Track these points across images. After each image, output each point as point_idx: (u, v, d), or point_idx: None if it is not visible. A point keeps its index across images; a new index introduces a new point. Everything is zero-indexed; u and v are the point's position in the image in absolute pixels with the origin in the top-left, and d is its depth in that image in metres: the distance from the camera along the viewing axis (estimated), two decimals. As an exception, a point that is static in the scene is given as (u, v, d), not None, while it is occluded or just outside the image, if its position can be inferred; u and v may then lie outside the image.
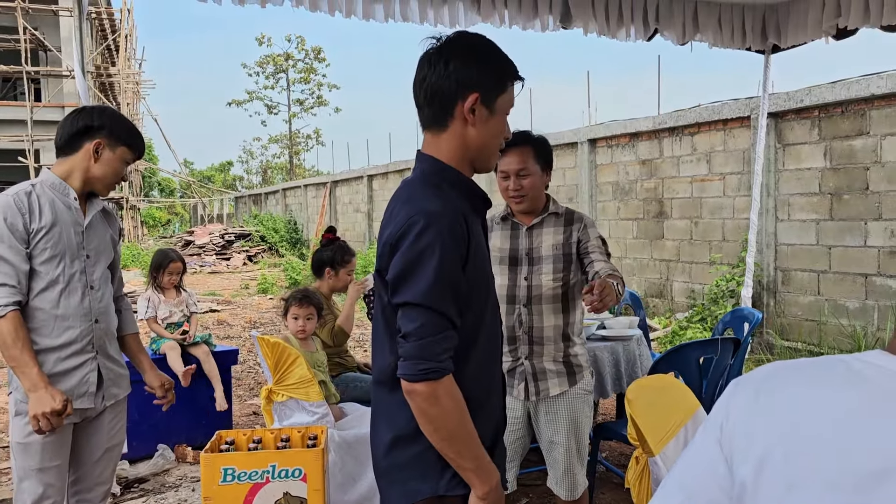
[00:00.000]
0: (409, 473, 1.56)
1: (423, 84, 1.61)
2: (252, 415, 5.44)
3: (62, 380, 2.22)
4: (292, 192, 25.32)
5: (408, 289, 1.48)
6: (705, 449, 0.96)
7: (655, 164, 8.72)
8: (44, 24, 22.11)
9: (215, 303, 11.40)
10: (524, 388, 2.63)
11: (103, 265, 2.39)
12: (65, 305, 2.24)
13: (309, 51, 38.86)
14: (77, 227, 2.28)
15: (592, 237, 2.63)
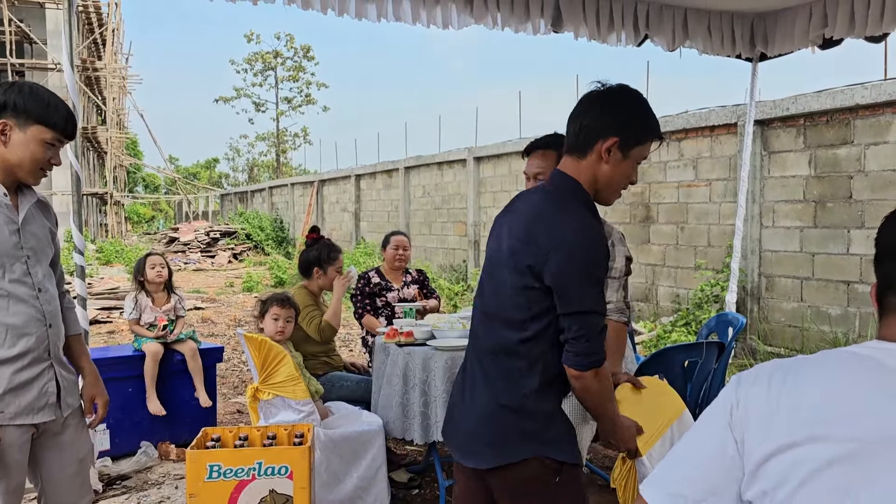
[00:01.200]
0: (511, 437, 1.79)
1: (578, 118, 1.88)
2: (237, 413, 5.41)
3: (21, 393, 2.04)
4: (279, 191, 25.24)
5: (576, 299, 1.74)
6: (712, 434, 1.02)
7: (642, 168, 8.77)
8: (29, 17, 21.89)
9: (200, 300, 11.35)
10: None
11: (45, 263, 2.16)
12: (14, 312, 2.02)
13: (298, 49, 38.78)
14: (11, 225, 2.04)
15: (618, 258, 2.57)
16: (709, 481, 1.00)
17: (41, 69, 21.82)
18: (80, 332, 2.33)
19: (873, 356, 0.97)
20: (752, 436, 0.97)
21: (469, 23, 4.34)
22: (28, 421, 2.05)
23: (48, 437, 2.15)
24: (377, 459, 3.26)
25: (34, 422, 2.06)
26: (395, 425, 3.31)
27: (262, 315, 3.52)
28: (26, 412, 2.04)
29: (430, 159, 14.13)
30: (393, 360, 3.39)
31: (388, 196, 16.30)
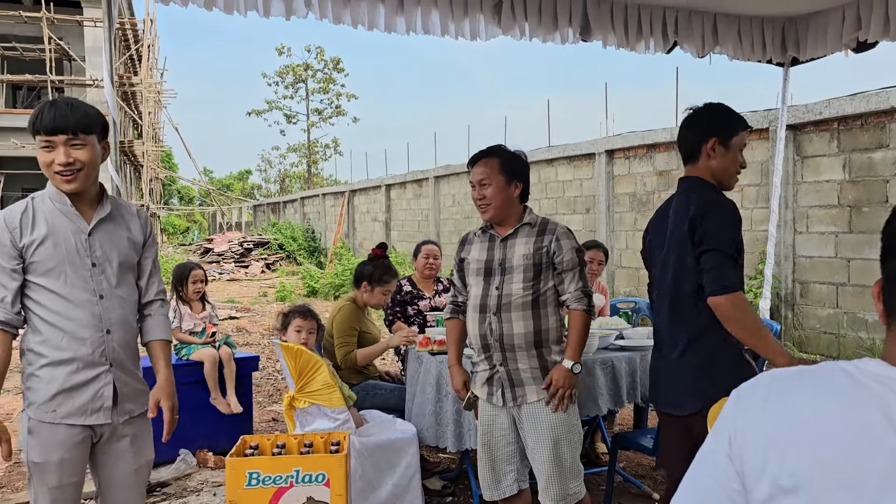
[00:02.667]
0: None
1: (683, 136, 2.57)
2: (271, 421, 5.49)
3: (74, 395, 2.12)
4: (310, 201, 25.51)
5: (710, 239, 2.31)
6: (715, 465, 0.95)
7: (673, 175, 8.71)
8: (68, 35, 22.49)
9: (234, 310, 11.51)
10: (502, 395, 2.71)
11: (115, 271, 2.21)
12: (71, 317, 2.12)
13: (328, 61, 39.21)
14: (78, 234, 2.15)
15: (566, 251, 2.68)
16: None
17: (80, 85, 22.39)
18: (161, 339, 2.36)
19: (878, 393, 0.85)
20: (749, 470, 0.90)
21: (497, 34, 4.38)
22: (80, 422, 2.12)
23: (107, 443, 2.22)
24: (411, 467, 3.30)
25: (86, 423, 2.13)
26: (429, 433, 3.35)
27: (285, 328, 3.57)
28: (79, 413, 2.12)
29: (460, 168, 14.19)
30: (426, 368, 3.43)
31: (418, 205, 16.39)
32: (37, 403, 2.11)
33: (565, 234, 2.73)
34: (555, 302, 2.72)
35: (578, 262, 2.71)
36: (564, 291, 2.70)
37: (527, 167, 2.82)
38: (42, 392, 2.11)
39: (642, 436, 3.56)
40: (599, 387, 3.30)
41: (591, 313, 2.71)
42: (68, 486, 2.14)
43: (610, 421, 4.84)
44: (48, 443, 2.10)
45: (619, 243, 9.64)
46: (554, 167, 10.98)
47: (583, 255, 2.76)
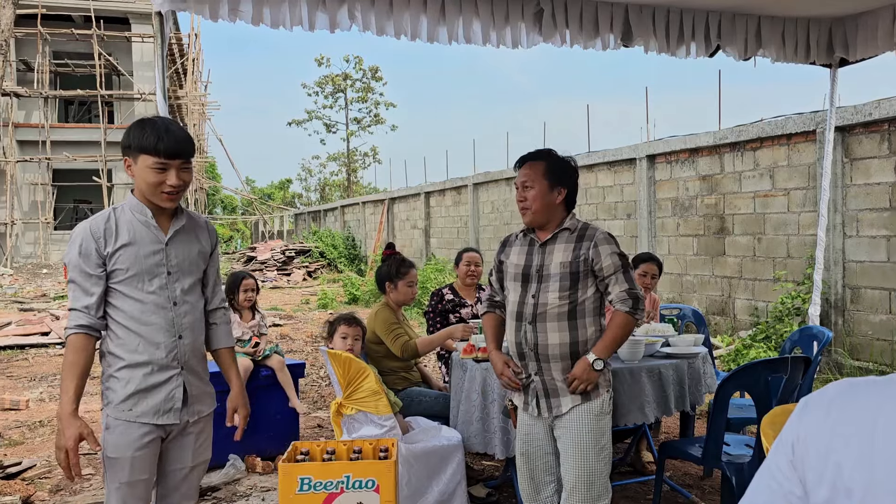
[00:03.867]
0: None
1: None
2: (317, 427, 5.56)
3: (148, 397, 2.26)
4: (350, 209, 25.76)
5: None
6: (779, 471, 0.95)
7: (716, 179, 8.60)
8: (117, 50, 23.16)
9: (278, 317, 11.68)
10: (537, 405, 2.70)
11: (189, 280, 2.36)
12: (147, 322, 2.25)
13: (366, 70, 39.57)
14: (156, 245, 2.29)
15: (604, 257, 2.63)
16: None
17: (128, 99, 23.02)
18: (227, 346, 2.53)
19: None
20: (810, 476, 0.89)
21: (538, 41, 4.40)
22: (152, 421, 2.26)
23: (173, 439, 2.35)
24: (457, 474, 3.32)
25: (157, 422, 2.27)
26: (476, 440, 3.37)
27: (331, 335, 3.63)
28: (152, 413, 2.26)
29: (499, 175, 14.19)
30: (471, 375, 3.45)
31: (458, 212, 16.43)
32: (114, 403, 2.25)
33: (604, 239, 2.68)
34: (595, 312, 2.68)
35: (621, 264, 2.66)
36: (610, 294, 2.66)
37: (574, 173, 2.79)
38: (119, 392, 2.25)
39: (690, 444, 3.52)
40: (646, 394, 3.28)
41: (634, 315, 2.64)
42: (138, 482, 2.26)
43: (655, 430, 4.79)
44: (122, 440, 2.23)
45: (661, 249, 9.53)
46: (594, 173, 10.92)
47: (626, 258, 2.71)
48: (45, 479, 4.40)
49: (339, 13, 4.01)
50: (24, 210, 22.86)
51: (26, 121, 22.71)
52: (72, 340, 2.19)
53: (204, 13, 3.80)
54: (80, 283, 2.22)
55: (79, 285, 2.22)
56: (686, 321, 5.18)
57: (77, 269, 2.22)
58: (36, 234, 22.56)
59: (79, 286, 2.22)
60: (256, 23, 3.88)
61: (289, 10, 3.93)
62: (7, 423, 5.71)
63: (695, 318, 5.16)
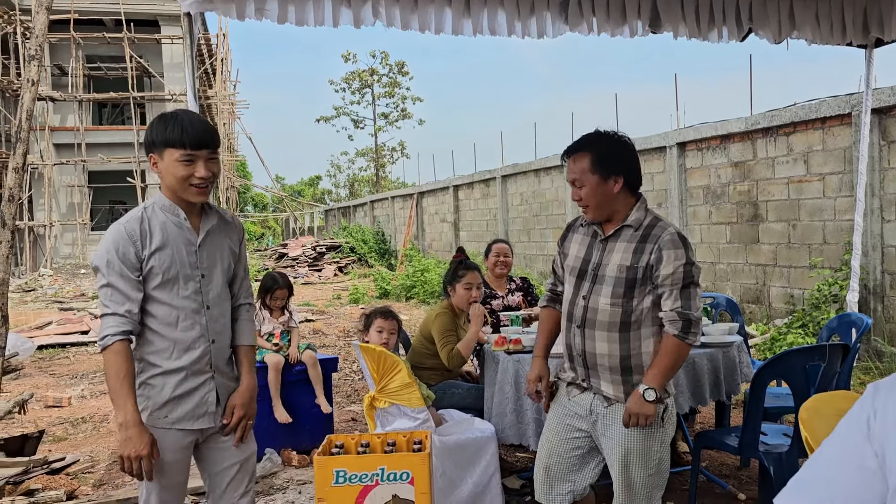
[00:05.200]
0: None
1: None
2: (350, 420, 5.61)
3: (182, 402, 2.22)
4: (380, 204, 25.86)
5: None
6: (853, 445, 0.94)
7: (749, 166, 8.46)
8: (148, 52, 23.49)
9: (310, 313, 11.79)
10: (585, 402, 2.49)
11: (219, 281, 2.30)
12: (182, 329, 2.20)
13: (393, 65, 39.65)
14: (190, 246, 2.22)
15: (666, 264, 2.31)
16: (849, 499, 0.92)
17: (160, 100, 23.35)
18: (248, 344, 2.42)
19: None
20: (893, 449, 0.89)
21: (564, 31, 4.36)
22: (188, 426, 2.23)
23: (212, 440, 2.33)
24: (491, 465, 3.33)
25: (193, 427, 2.25)
26: (511, 432, 3.37)
27: (367, 328, 3.65)
28: (187, 419, 2.23)
29: (527, 167, 14.13)
30: (503, 367, 3.45)
31: (486, 205, 16.41)
32: (149, 410, 2.20)
33: (671, 242, 2.33)
34: (654, 323, 2.38)
35: (683, 277, 2.31)
36: (662, 309, 2.35)
37: (629, 154, 2.46)
38: (154, 399, 2.20)
39: (726, 434, 3.48)
40: (680, 384, 3.25)
41: (686, 340, 2.32)
42: (176, 485, 2.26)
43: (690, 420, 4.74)
44: (159, 446, 2.18)
45: (693, 237, 9.42)
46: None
47: (693, 271, 2.34)
48: (88, 474, 4.50)
49: (363, 9, 4.01)
50: (62, 212, 23.35)
51: (62, 124, 23.18)
52: (116, 349, 2.11)
53: (230, 13, 3.84)
54: (119, 288, 2.13)
55: (118, 289, 2.13)
56: (720, 310, 5.12)
57: (116, 273, 2.13)
58: (74, 235, 23.05)
59: (118, 290, 2.13)
60: (282, 21, 3.91)
61: (313, 8, 3.94)
62: (51, 419, 5.85)
63: (729, 307, 5.09)
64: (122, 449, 2.10)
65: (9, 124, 21.80)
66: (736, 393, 3.59)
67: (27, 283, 18.22)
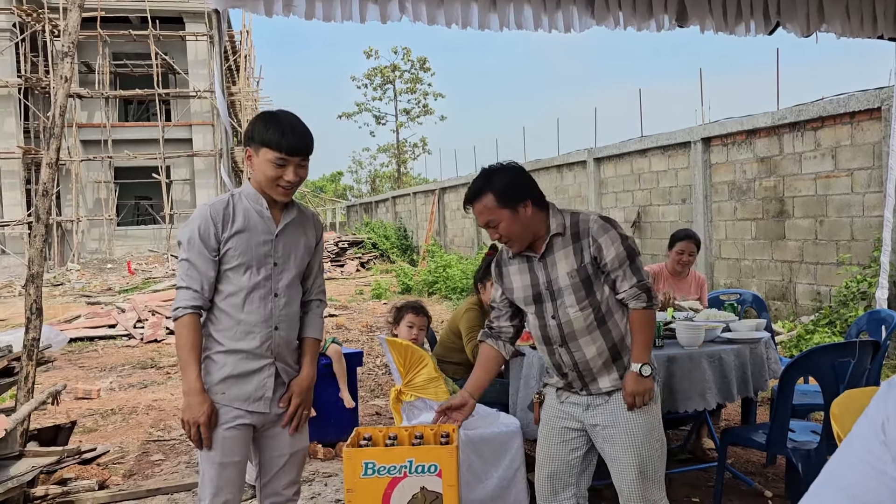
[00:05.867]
0: None
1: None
2: (374, 415, 5.65)
3: (240, 383, 2.31)
4: (402, 200, 25.92)
5: None
6: (869, 452, 0.92)
7: (775, 161, 8.37)
8: (172, 49, 23.74)
9: (333, 308, 11.86)
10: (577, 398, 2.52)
11: (292, 272, 2.39)
12: (248, 311, 2.30)
13: (414, 61, 39.67)
14: (267, 235, 2.33)
15: (607, 248, 2.38)
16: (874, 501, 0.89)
17: (184, 97, 23.60)
18: (314, 337, 2.52)
19: None
20: None
21: (590, 25, 4.34)
22: (244, 407, 2.32)
23: (267, 428, 2.42)
24: (516, 460, 3.34)
25: (248, 409, 2.32)
26: (535, 427, 3.37)
27: (397, 322, 3.67)
28: (243, 399, 2.32)
29: (549, 162, 14.09)
30: (529, 362, 3.46)
31: (509, 201, 16.37)
32: (209, 385, 2.30)
33: (600, 228, 2.40)
34: (619, 305, 2.46)
35: (626, 254, 2.40)
36: (619, 291, 2.42)
37: (525, 178, 2.48)
38: (214, 375, 2.31)
39: (753, 431, 3.46)
40: (706, 380, 3.23)
41: (651, 307, 2.43)
42: (230, 464, 2.32)
43: (716, 417, 4.71)
44: (216, 419, 2.29)
45: (718, 234, 9.34)
46: (647, 157, 10.75)
47: (629, 242, 2.43)
48: (118, 464, 4.59)
49: (389, 4, 4.03)
50: (89, 207, 23.69)
51: (89, 121, 23.50)
52: (186, 321, 2.25)
53: (258, 10, 3.87)
54: (196, 264, 2.26)
55: (194, 265, 2.26)
56: (746, 306, 5.08)
57: (195, 250, 2.26)
58: (100, 231, 23.37)
59: (194, 266, 2.26)
60: (309, 17, 3.93)
61: (340, 4, 3.96)
62: (81, 411, 5.96)
63: (755, 304, 5.05)
64: (183, 414, 2.25)
65: (37, 121, 22.15)
66: (764, 389, 3.57)
67: (55, 277, 18.52)
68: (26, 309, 3.56)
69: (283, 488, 2.47)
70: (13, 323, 9.48)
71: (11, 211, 21.32)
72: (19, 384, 3.65)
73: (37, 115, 22.05)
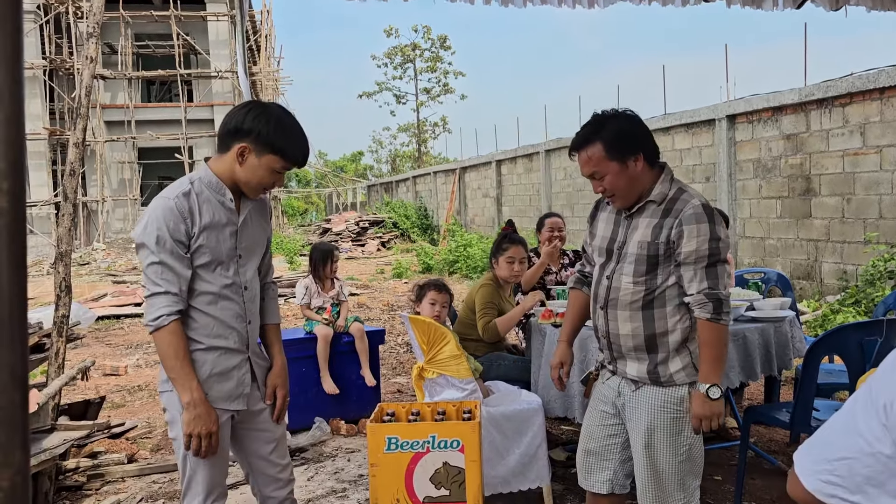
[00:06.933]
0: None
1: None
2: (396, 392, 5.70)
3: (221, 381, 2.19)
4: (422, 179, 25.91)
5: None
6: (868, 431, 0.95)
7: (801, 138, 8.24)
8: (194, 30, 23.78)
9: (354, 287, 11.94)
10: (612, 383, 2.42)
11: (254, 262, 2.29)
12: (222, 307, 2.18)
13: (435, 39, 39.43)
14: (231, 227, 2.19)
15: (688, 240, 2.17)
16: (866, 475, 0.93)
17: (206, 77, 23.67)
18: (277, 322, 2.43)
19: None
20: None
21: (615, 0, 4.29)
22: (226, 407, 2.20)
23: (246, 422, 2.31)
24: (537, 437, 3.35)
25: (230, 408, 2.21)
26: (556, 404, 3.39)
27: (420, 299, 3.69)
28: (225, 398, 2.20)
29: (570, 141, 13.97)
30: (550, 340, 3.46)
31: (529, 180, 16.31)
32: None
33: (693, 217, 2.17)
34: (679, 303, 2.25)
35: (708, 254, 2.16)
36: (687, 293, 2.21)
37: (640, 129, 2.30)
38: (196, 374, 2.15)
39: (777, 409, 3.45)
40: (730, 359, 3.20)
41: (720, 321, 2.18)
42: (219, 462, 2.22)
43: (738, 396, 4.69)
44: None
45: (742, 212, 9.24)
46: (670, 135, 10.63)
47: (719, 247, 2.19)
48: (146, 438, 4.68)
49: (411, -19, 4.00)
50: (114, 188, 23.95)
51: (112, 102, 23.69)
52: (173, 328, 2.07)
53: (280, -12, 3.86)
54: (170, 265, 2.07)
55: (169, 267, 2.07)
56: (770, 285, 5.03)
57: (167, 250, 2.06)
58: (125, 211, 23.65)
59: (169, 268, 2.07)
60: (331, -5, 3.92)
61: (362, -19, 3.95)
62: (108, 387, 6.08)
63: (780, 283, 5.00)
64: (191, 427, 2.08)
65: (62, 102, 22.37)
66: (788, 368, 3.54)
67: (81, 257, 18.81)
68: (56, 286, 3.63)
69: (279, 472, 2.38)
70: (42, 301, 9.66)
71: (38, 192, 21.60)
72: (50, 360, 3.73)
73: (62, 96, 22.26)
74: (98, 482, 3.87)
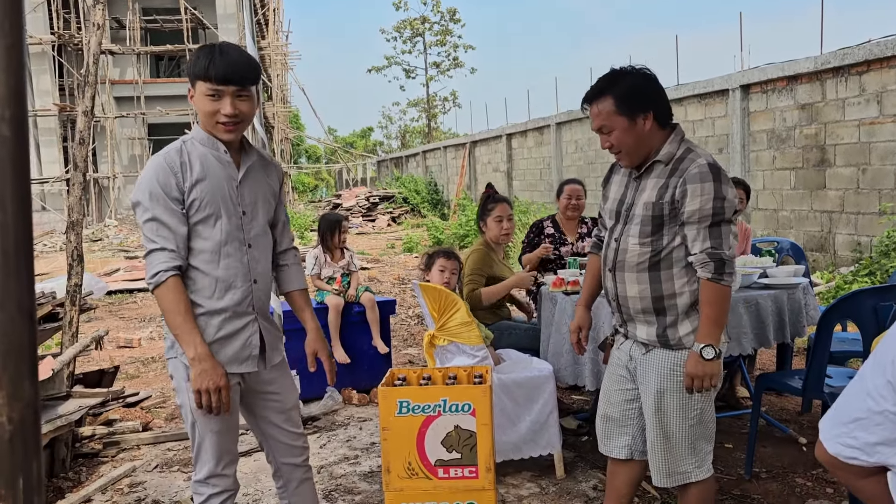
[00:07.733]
0: None
1: None
2: (407, 363, 5.72)
3: (227, 344, 2.14)
4: (432, 154, 25.80)
5: None
6: (875, 389, 0.97)
7: (817, 108, 8.12)
8: (202, 4, 23.64)
9: (365, 261, 11.96)
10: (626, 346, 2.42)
11: (261, 220, 2.22)
12: (224, 266, 2.11)
13: (444, 12, 39.03)
14: (231, 181, 2.13)
15: (692, 198, 2.14)
16: (881, 435, 0.96)
17: (213, 52, 23.54)
18: (302, 288, 2.38)
19: None
20: None
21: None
22: (233, 370, 2.15)
23: (257, 391, 2.26)
24: (548, 404, 3.36)
25: (238, 371, 2.17)
26: (567, 372, 3.39)
27: (429, 267, 3.68)
28: (232, 361, 2.15)
29: (581, 113, 13.80)
30: (561, 308, 3.45)
31: (540, 153, 16.21)
32: None
33: (698, 175, 2.14)
34: (685, 264, 2.23)
35: (711, 213, 2.14)
36: (690, 252, 2.20)
37: (653, 87, 2.28)
38: None
39: (789, 377, 3.43)
40: (743, 325, 3.20)
41: (721, 282, 2.16)
42: (228, 429, 2.19)
43: (750, 365, 4.68)
44: None
45: (755, 184, 9.15)
46: (683, 106, 10.50)
47: (722, 204, 2.14)
48: (160, 408, 4.73)
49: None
50: (124, 164, 24.01)
51: (121, 77, 23.66)
52: (172, 284, 2.03)
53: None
54: (164, 221, 2.04)
55: (163, 223, 2.04)
56: (784, 255, 4.99)
57: (160, 205, 2.04)
58: (136, 187, 23.73)
59: (164, 224, 2.04)
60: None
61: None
62: (123, 359, 6.14)
63: (793, 252, 4.96)
64: (198, 383, 2.03)
65: (72, 78, 22.36)
66: (801, 335, 3.52)
67: (93, 233, 18.91)
68: (68, 255, 3.65)
69: (293, 440, 2.35)
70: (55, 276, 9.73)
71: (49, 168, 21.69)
72: (63, 329, 3.76)
73: (71, 72, 22.24)
74: (114, 449, 3.92)
